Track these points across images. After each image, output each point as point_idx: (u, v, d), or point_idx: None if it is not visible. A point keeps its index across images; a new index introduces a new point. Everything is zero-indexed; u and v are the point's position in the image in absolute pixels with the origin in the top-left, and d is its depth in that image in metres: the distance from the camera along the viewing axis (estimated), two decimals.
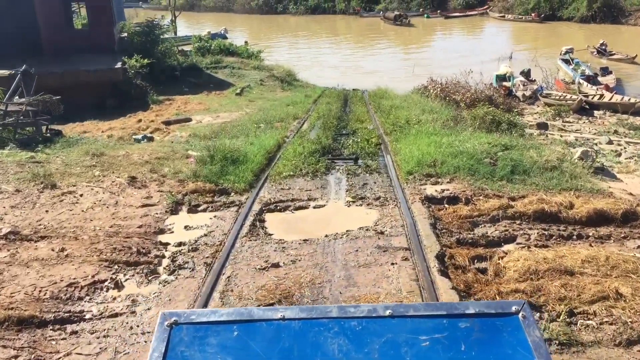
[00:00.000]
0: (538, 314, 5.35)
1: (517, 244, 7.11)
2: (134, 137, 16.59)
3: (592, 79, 28.96)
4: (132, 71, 23.10)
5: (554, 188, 8.74)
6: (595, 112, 23.89)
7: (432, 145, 10.56)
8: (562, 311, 5.34)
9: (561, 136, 16.71)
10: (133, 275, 6.28)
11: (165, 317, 1.86)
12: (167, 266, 6.56)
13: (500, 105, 23.65)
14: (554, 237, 7.23)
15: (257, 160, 10.17)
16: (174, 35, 45.20)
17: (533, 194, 8.51)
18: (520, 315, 1.86)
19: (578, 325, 5.19)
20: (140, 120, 19.40)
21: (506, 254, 6.76)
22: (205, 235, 7.41)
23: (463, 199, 8.40)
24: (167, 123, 19.19)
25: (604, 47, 35.83)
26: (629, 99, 24.53)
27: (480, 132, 11.79)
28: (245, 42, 41.28)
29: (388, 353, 1.75)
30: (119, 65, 22.70)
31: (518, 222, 7.72)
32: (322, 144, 11.91)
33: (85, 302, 5.67)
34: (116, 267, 6.39)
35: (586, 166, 9.65)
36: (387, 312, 1.88)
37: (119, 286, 6.03)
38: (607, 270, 6.18)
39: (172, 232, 7.61)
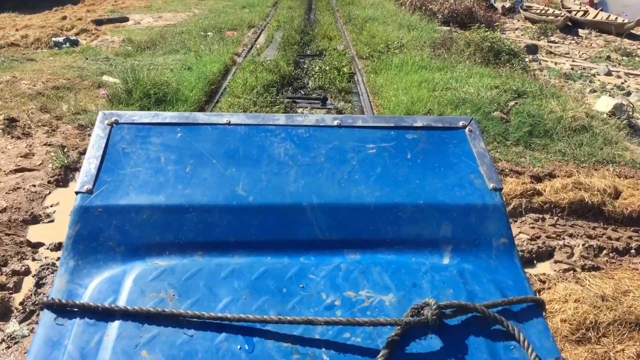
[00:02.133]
0: None
1: (556, 262, 4.81)
2: (54, 39, 13.30)
3: None
4: None
5: (587, 160, 6.38)
6: (580, 31, 21.40)
7: (423, 86, 7.93)
8: None
9: (556, 64, 14.27)
10: None
11: (105, 117, 1.76)
12: (24, 301, 4.01)
13: (480, 19, 20.95)
14: (605, 252, 4.96)
15: (192, 98, 7.33)
16: None
17: (562, 170, 6.15)
18: (467, 129, 1.85)
19: None
20: (65, 18, 15.84)
21: (543, 283, 4.48)
22: None
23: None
24: (99, 22, 15.73)
25: None
26: (616, 18, 22.04)
27: (478, 67, 9.17)
28: None
29: (334, 157, 1.74)
30: None
31: (550, 218, 5.41)
32: (281, 71, 9.08)
33: None
34: None
35: (621, 126, 7.29)
36: (336, 122, 1.84)
37: None
38: None
39: (52, 221, 4.97)
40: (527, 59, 12.80)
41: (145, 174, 1.65)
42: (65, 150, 5.91)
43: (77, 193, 1.55)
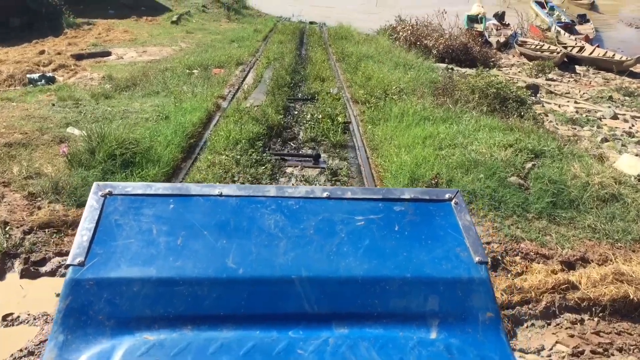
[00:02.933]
0: None
1: None
2: (28, 75, 12.35)
3: (569, 27, 25.67)
4: None
5: (622, 238, 5.46)
6: (578, 68, 20.74)
7: (427, 143, 6.98)
8: None
9: (559, 106, 13.46)
10: None
11: (99, 188, 1.79)
12: None
13: (476, 55, 20.25)
14: None
15: (166, 158, 6.33)
16: None
17: (595, 252, 5.20)
18: (453, 202, 1.86)
19: None
20: (43, 52, 14.88)
21: None
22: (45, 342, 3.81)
23: (489, 263, 5.04)
24: (79, 57, 14.78)
25: None
26: (613, 55, 21.42)
27: (486, 118, 8.25)
28: None
29: (324, 230, 1.73)
30: None
31: (590, 319, 4.44)
32: (269, 121, 8.13)
33: None
34: None
35: None
36: (325, 194, 1.85)
37: None
38: None
39: None
40: (533, 105, 11.95)
41: (137, 246, 1.65)
42: (7, 229, 4.87)
43: (68, 266, 1.56)
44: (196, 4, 22.10)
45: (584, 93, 16.17)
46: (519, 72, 19.42)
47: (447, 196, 1.88)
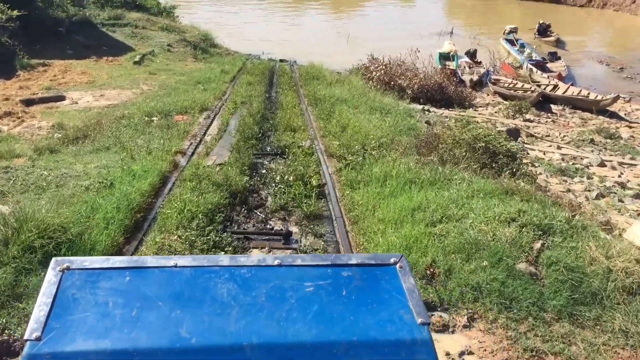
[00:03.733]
0: None
1: None
2: None
3: (541, 65, 25.30)
4: None
5: None
6: (553, 107, 20.16)
7: (417, 217, 5.91)
8: None
9: (544, 153, 12.63)
10: None
11: (57, 263, 1.80)
12: None
13: (452, 94, 19.54)
14: None
15: (103, 244, 5.05)
16: None
17: None
18: (397, 265, 1.91)
19: None
20: None
21: None
22: None
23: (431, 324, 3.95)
24: (29, 102, 13.47)
25: (544, 27, 32.31)
26: (588, 94, 20.93)
27: (478, 179, 7.23)
28: None
29: (275, 297, 1.77)
30: None
31: None
32: (233, 186, 6.97)
33: None
34: None
35: None
36: (276, 262, 1.89)
37: None
38: None
39: None
40: (523, 159, 11.06)
41: (93, 319, 1.67)
42: None
43: (25, 341, 1.57)
44: (161, 43, 20.98)
45: (564, 135, 15.45)
46: (496, 112, 18.73)
47: (392, 260, 1.92)
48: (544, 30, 32.13)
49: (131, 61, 18.31)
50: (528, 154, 11.93)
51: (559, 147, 13.63)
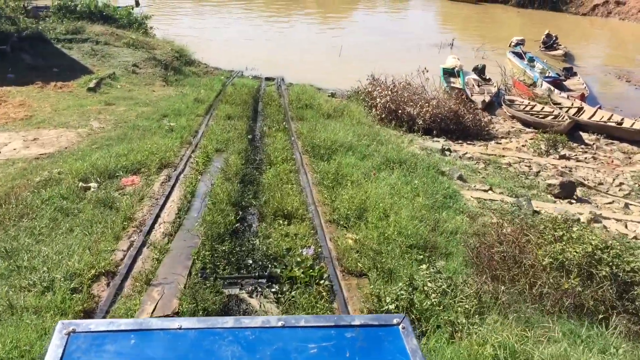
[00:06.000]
0: None
1: None
2: None
3: (558, 83, 22.09)
4: None
5: None
6: (585, 137, 16.92)
7: None
8: None
9: (625, 225, 9.28)
10: None
11: (63, 326, 1.78)
12: None
13: (469, 124, 16.22)
14: None
15: None
16: None
17: None
18: (400, 326, 1.89)
19: None
20: None
21: None
22: None
23: None
24: None
25: (552, 39, 29.11)
26: (622, 119, 17.61)
27: (607, 336, 3.93)
28: (136, 1, 30.85)
29: (278, 358, 1.75)
30: None
31: None
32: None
33: None
34: None
35: None
36: (280, 323, 1.86)
37: None
38: None
39: None
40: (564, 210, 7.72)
41: None
42: None
43: None
44: (125, 63, 17.31)
45: (620, 183, 12.21)
46: (523, 146, 15.44)
47: (394, 321, 1.90)
48: (550, 42, 28.92)
49: (85, 87, 14.69)
50: (605, 227, 8.57)
51: (626, 206, 10.32)
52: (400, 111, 15.42)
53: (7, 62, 15.88)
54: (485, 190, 9.46)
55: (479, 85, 21.86)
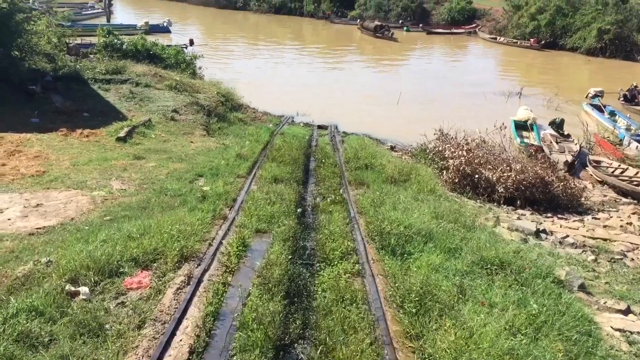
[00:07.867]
0: None
1: None
2: None
3: None
4: None
5: None
6: None
7: None
8: None
9: None
10: None
11: None
12: None
13: (559, 193, 13.39)
14: None
15: None
16: (107, 23, 33.60)
17: None
18: None
19: None
20: None
21: None
22: None
23: None
24: None
25: (636, 92, 25.88)
26: None
27: None
28: (191, 40, 29.58)
29: None
30: None
31: None
32: None
33: None
34: None
35: None
36: None
37: None
38: None
39: None
40: None
41: None
42: None
43: None
44: (164, 108, 15.36)
45: None
46: (628, 224, 12.50)
47: None
48: (632, 96, 25.66)
49: (114, 136, 12.71)
50: None
51: None
52: (477, 176, 12.75)
53: (35, 104, 14.15)
54: (622, 311, 6.67)
55: (557, 142, 18.99)
